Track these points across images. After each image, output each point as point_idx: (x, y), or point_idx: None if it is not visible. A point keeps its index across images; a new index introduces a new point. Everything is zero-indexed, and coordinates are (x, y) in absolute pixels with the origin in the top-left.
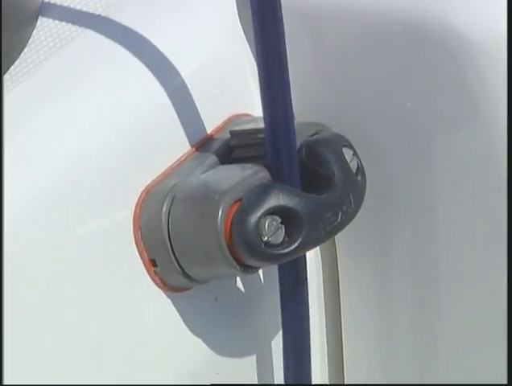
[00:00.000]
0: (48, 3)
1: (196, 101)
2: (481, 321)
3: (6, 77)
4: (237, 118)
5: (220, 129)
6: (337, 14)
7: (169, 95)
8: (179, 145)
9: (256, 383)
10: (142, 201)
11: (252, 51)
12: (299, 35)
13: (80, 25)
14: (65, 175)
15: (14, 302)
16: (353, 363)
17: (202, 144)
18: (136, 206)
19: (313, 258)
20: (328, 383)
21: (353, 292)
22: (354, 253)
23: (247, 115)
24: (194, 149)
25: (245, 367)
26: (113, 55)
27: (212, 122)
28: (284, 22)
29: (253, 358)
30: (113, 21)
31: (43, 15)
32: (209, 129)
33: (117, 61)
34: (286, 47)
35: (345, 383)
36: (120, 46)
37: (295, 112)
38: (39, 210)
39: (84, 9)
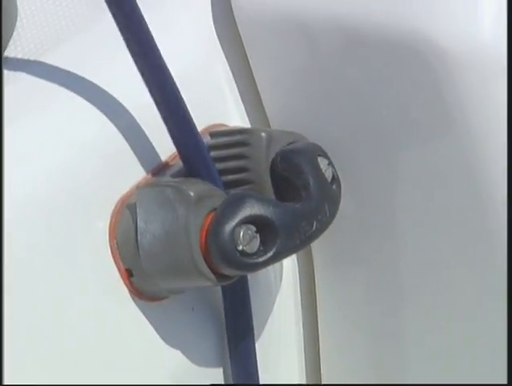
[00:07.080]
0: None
1: None
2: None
3: None
4: (213, 128)
5: None
6: (314, 24)
7: (144, 105)
8: (155, 155)
9: None
10: (118, 211)
11: (228, 63)
12: (276, 45)
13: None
14: (41, 186)
15: None
16: (330, 369)
17: (177, 154)
18: (112, 216)
19: (290, 267)
20: None
21: (330, 300)
22: (331, 261)
23: (223, 125)
24: (170, 158)
25: (223, 377)
26: (87, 68)
27: None
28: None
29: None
30: (88, 33)
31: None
32: None
33: (92, 73)
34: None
35: None
36: (94, 58)
37: (270, 121)
38: (14, 221)
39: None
